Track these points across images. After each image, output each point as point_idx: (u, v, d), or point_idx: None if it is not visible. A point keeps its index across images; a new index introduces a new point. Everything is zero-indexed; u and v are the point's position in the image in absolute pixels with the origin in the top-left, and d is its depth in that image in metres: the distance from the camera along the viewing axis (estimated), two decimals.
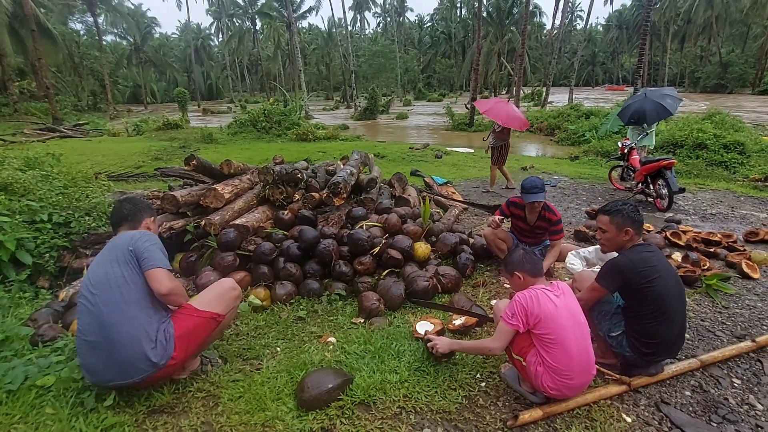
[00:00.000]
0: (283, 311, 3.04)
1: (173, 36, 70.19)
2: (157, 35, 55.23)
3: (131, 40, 42.98)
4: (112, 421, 1.82)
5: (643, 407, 2.09)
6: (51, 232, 3.40)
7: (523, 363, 1.99)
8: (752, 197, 6.63)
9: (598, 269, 2.26)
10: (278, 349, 2.56)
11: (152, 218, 2.25)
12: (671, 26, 50.99)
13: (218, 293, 2.16)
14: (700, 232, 4.58)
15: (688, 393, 2.20)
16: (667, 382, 2.26)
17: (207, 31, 65.25)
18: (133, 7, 44.09)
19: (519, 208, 3.64)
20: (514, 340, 2.03)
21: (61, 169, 4.50)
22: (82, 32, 41.60)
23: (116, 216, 2.17)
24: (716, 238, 4.38)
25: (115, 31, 43.37)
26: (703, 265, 3.79)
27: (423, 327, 2.64)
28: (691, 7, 46.50)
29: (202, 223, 3.45)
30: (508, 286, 3.45)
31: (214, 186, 3.79)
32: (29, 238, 3.20)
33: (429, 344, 2.27)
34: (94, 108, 32.30)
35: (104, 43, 38.41)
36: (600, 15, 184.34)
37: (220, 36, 60.69)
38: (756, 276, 3.65)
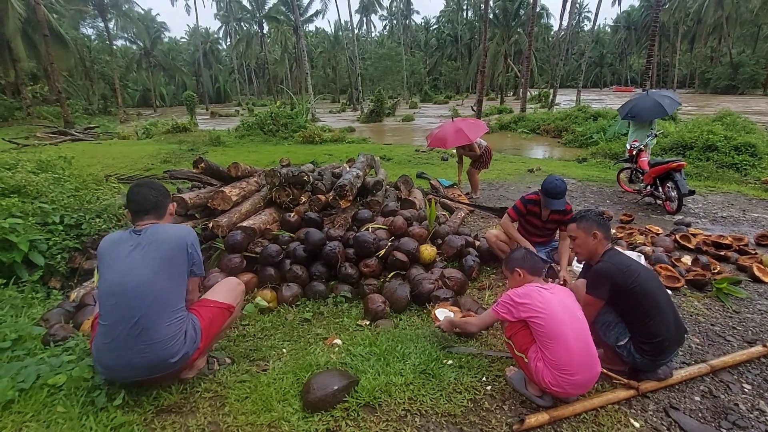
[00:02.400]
0: (289, 313, 3.06)
1: (182, 40, 71.08)
2: (166, 39, 55.99)
3: (141, 44, 43.61)
4: (122, 420, 1.84)
5: (651, 412, 2.06)
6: (63, 233, 3.46)
7: (525, 359, 2.01)
8: (764, 200, 6.53)
9: None
10: (284, 350, 2.57)
11: (174, 203, 2.34)
12: (681, 27, 50.55)
13: (228, 288, 2.26)
14: (710, 235, 4.53)
15: (697, 398, 2.17)
16: (676, 387, 2.24)
17: (215, 35, 66.00)
18: (142, 12, 44.85)
19: (536, 205, 3.57)
20: (516, 336, 2.05)
21: (73, 171, 4.57)
22: (93, 37, 42.28)
23: (143, 203, 2.02)
24: (727, 242, 4.32)
25: (126, 35, 44.04)
26: (714, 269, 3.74)
27: (442, 314, 2.67)
28: (701, 8, 46.07)
29: (210, 225, 3.48)
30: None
31: (222, 188, 3.82)
32: (42, 239, 3.26)
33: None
34: (105, 111, 32.77)
35: (114, 47, 39.03)
36: (608, 16, 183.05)
37: (228, 40, 61.32)
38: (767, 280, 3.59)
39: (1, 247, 3.05)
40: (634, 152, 6.82)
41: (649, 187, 6.22)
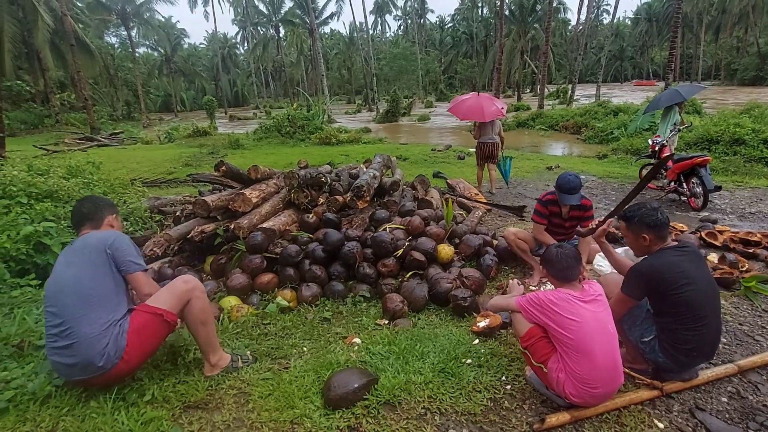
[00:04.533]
0: (309, 312, 3.11)
1: (201, 46, 72.68)
2: (186, 46, 57.42)
3: (162, 51, 44.85)
4: (151, 415, 1.92)
5: (676, 413, 2.03)
6: None
7: (545, 370, 1.97)
8: None
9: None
10: (305, 349, 2.62)
11: (114, 215, 2.26)
12: (705, 17, 48.86)
13: (168, 289, 2.12)
14: (737, 232, 4.38)
15: (724, 399, 2.12)
16: (702, 387, 2.19)
17: (233, 40, 67.26)
18: (163, 19, 46.00)
19: (555, 204, 3.51)
20: (535, 346, 2.00)
21: (101, 176, 4.75)
22: (116, 45, 43.72)
23: (77, 216, 2.18)
24: (756, 238, 4.18)
25: (147, 43, 45.40)
26: (742, 267, 3.62)
27: (483, 322, 2.70)
28: None
29: (231, 226, 3.57)
30: (534, 288, 3.41)
31: (242, 191, 3.91)
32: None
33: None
34: (129, 117, 33.79)
35: (137, 54, 40.25)
36: (628, 8, 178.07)
37: (246, 44, 62.36)
38: None
39: (36, 249, 3.20)
40: (657, 148, 6.65)
41: (672, 183, 6.06)
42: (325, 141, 14.76)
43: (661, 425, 1.94)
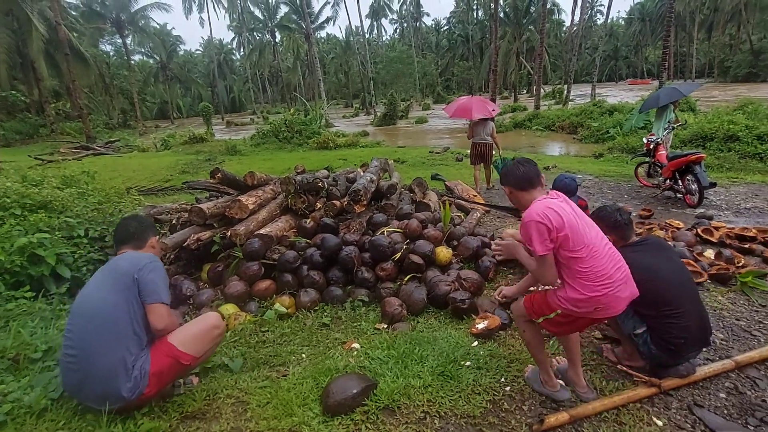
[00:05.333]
0: (307, 318, 3.10)
1: (197, 52, 72.70)
2: (181, 52, 57.46)
3: (157, 58, 44.81)
4: (148, 427, 1.91)
5: (674, 410, 2.03)
6: (87, 246, 3.59)
7: (557, 312, 1.88)
8: None
9: None
10: (303, 355, 2.61)
11: (156, 237, 2.24)
12: (697, 15, 49.20)
13: (198, 333, 2.05)
14: (733, 228, 4.40)
15: (722, 395, 2.12)
16: (700, 384, 2.19)
17: (229, 46, 67.39)
18: (158, 26, 46.06)
19: None
20: (534, 303, 1.98)
21: (96, 186, 4.74)
22: (111, 53, 43.73)
23: (121, 234, 2.14)
24: (751, 234, 4.19)
25: (143, 50, 45.39)
26: (738, 262, 3.64)
27: (482, 324, 2.72)
28: None
29: (228, 233, 3.56)
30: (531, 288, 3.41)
31: (239, 197, 3.91)
32: (68, 253, 3.39)
33: (496, 293, 2.42)
34: (125, 125, 33.76)
35: (132, 62, 40.24)
36: (621, 8, 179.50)
37: (242, 50, 62.46)
38: None
39: (30, 261, 3.18)
40: (652, 146, 6.68)
41: (668, 180, 6.08)
42: (323, 145, 14.77)
43: (660, 423, 1.94)
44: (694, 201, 5.64)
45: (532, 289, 2.31)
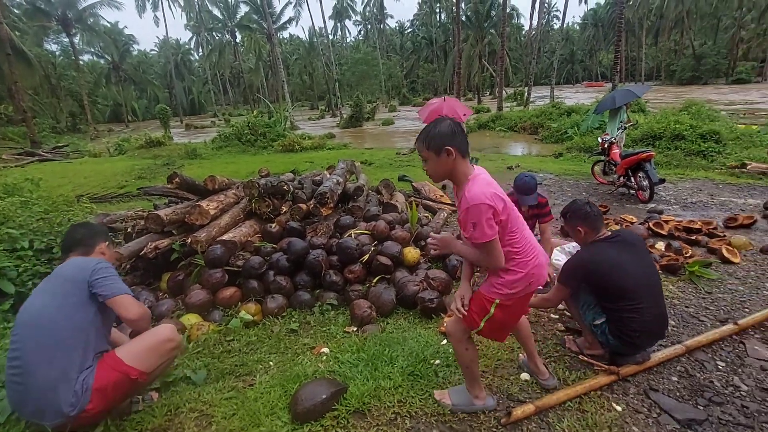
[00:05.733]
0: (275, 325, 3.03)
1: (152, 52, 69.63)
2: (135, 52, 54.76)
3: (109, 58, 42.57)
4: None
5: (632, 395, 2.13)
6: (33, 259, 3.33)
7: (490, 313, 1.80)
8: (730, 184, 6.80)
9: None
10: (271, 363, 2.55)
11: (106, 243, 2.13)
12: (645, 22, 52.39)
13: (149, 346, 1.91)
14: (681, 221, 4.69)
15: (675, 378, 2.25)
16: (655, 369, 2.31)
17: (186, 46, 65.00)
18: (109, 25, 43.79)
19: (515, 203, 3.63)
20: (471, 309, 1.85)
21: (41, 194, 4.43)
22: (58, 53, 41.18)
23: (68, 241, 2.04)
24: (697, 226, 4.48)
25: (92, 50, 42.88)
26: (686, 253, 3.87)
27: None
28: (663, 3, 47.86)
29: (189, 240, 3.43)
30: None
31: (199, 203, 3.77)
32: (11, 266, 3.14)
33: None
34: (74, 129, 31.86)
35: (81, 62, 38.05)
36: (576, 14, 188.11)
37: (200, 50, 60.49)
38: (736, 261, 3.74)
39: None
40: (606, 145, 7.01)
41: (622, 178, 6.40)
42: (289, 148, 14.52)
43: (619, 408, 2.03)
44: (646, 197, 5.97)
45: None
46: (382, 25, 67.08)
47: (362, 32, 73.36)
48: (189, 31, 59.66)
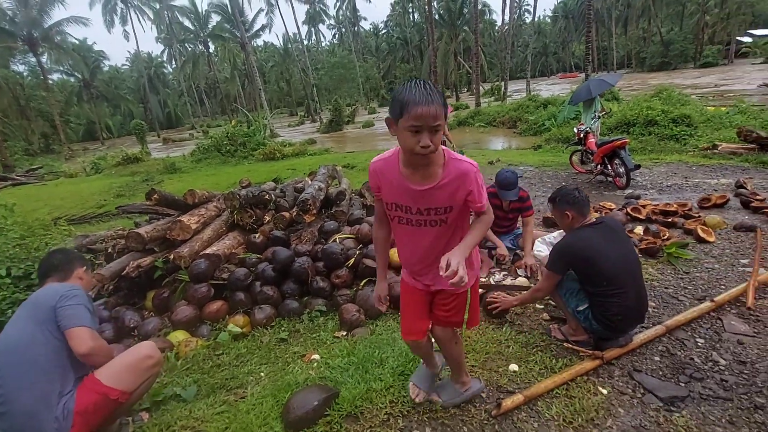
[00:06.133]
0: (264, 335, 3.02)
1: (124, 67, 68.25)
2: (106, 68, 53.54)
3: (79, 76, 41.63)
4: None
5: (617, 378, 2.19)
6: (11, 286, 3.25)
7: (468, 300, 1.81)
8: (703, 166, 7.02)
9: None
10: (262, 374, 2.54)
11: (84, 268, 2.12)
12: (613, 12, 53.57)
13: (129, 364, 1.89)
14: (658, 205, 4.82)
15: (657, 358, 2.32)
16: (638, 350, 2.38)
17: (159, 59, 63.89)
18: (77, 42, 42.69)
19: (496, 197, 3.65)
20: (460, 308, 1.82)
21: (16, 219, 4.31)
22: (25, 73, 40.03)
23: (44, 267, 2.03)
24: (673, 209, 4.61)
25: (61, 68, 41.76)
26: (663, 236, 3.99)
27: None
28: None
29: (171, 257, 3.38)
30: (483, 279, 3.54)
31: (180, 218, 3.72)
32: None
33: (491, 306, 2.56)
34: (47, 150, 31.08)
35: (51, 82, 37.06)
36: (546, 7, 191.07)
37: (174, 62, 59.49)
38: (711, 239, 3.87)
39: None
40: (582, 135, 7.17)
41: (599, 166, 6.55)
42: (270, 156, 14.41)
43: (605, 391, 2.09)
44: (623, 183, 6.11)
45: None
46: (356, 28, 67.08)
47: (337, 36, 73.26)
48: (161, 44, 58.67)
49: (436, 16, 40.85)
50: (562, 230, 2.97)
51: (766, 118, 9.50)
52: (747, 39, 33.92)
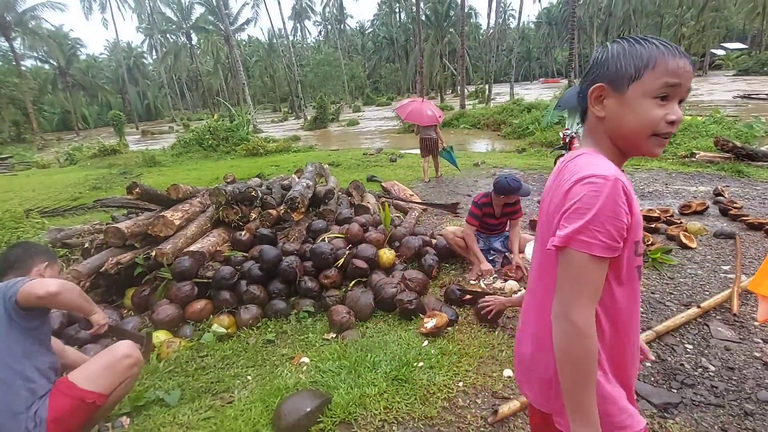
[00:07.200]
0: (250, 336, 2.92)
1: (102, 56, 66.08)
2: (83, 57, 51.74)
3: (55, 63, 40.06)
4: None
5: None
6: None
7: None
8: (682, 173, 7.22)
9: None
10: (249, 377, 2.44)
11: (46, 263, 1.91)
12: (595, 20, 54.93)
13: (105, 365, 1.77)
14: (641, 210, 4.91)
15: (648, 364, 2.33)
16: None
17: (139, 49, 62.10)
18: (53, 28, 41.05)
19: (489, 206, 3.69)
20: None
21: None
22: None
23: (2, 264, 1.86)
24: (655, 214, 4.71)
25: (36, 54, 40.15)
26: (647, 241, 4.06)
27: (430, 323, 2.72)
28: (611, 2, 50.41)
29: (153, 253, 3.24)
30: (473, 282, 3.52)
31: (163, 213, 3.58)
32: None
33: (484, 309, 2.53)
34: (19, 139, 29.78)
35: (24, 68, 35.51)
36: (531, 13, 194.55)
37: (154, 53, 58.00)
38: (693, 245, 3.96)
39: None
40: (567, 140, 7.27)
41: None
42: (253, 152, 14.15)
43: None
44: None
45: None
46: (342, 26, 66.69)
47: (323, 33, 72.75)
48: (141, 34, 57.06)
49: (423, 17, 41.02)
50: None
51: (740, 128, 9.86)
52: (720, 52, 35.28)
